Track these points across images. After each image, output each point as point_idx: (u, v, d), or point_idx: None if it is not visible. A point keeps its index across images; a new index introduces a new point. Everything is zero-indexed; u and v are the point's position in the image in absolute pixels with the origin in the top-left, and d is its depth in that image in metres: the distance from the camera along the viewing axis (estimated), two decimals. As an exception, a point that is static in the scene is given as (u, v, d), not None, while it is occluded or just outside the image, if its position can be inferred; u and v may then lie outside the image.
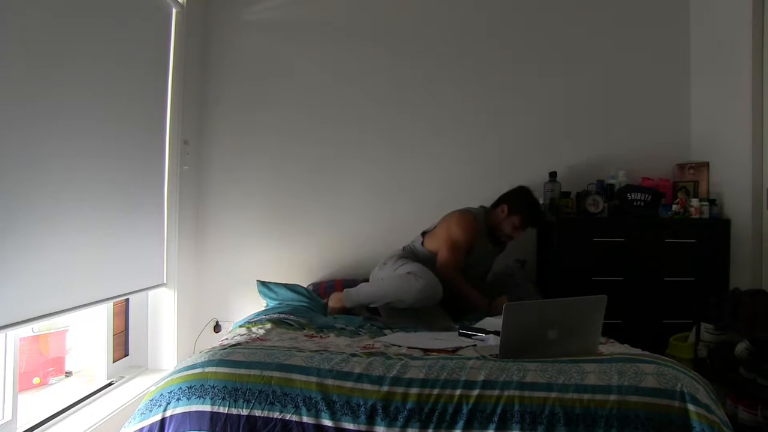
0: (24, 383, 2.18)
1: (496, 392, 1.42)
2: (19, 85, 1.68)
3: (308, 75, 3.23)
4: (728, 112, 2.90)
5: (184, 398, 1.46)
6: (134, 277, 2.47)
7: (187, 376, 1.50)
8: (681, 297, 2.73)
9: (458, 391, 1.42)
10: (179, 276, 2.88)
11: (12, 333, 1.81)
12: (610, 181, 3.06)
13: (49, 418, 2.01)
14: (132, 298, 2.75)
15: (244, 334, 1.94)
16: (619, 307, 2.64)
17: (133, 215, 2.45)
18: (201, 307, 3.14)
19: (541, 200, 3.05)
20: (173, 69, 2.83)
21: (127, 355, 2.76)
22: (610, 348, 1.77)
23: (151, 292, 2.76)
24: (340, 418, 1.41)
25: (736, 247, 2.81)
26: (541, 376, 1.45)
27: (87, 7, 2.04)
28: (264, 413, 1.43)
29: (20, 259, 1.68)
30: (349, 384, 1.45)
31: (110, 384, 2.47)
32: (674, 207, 2.91)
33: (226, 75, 3.23)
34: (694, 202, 2.88)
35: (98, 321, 2.49)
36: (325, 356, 1.56)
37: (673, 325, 2.72)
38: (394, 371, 1.48)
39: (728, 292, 2.45)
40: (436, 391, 1.43)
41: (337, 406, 1.42)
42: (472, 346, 1.79)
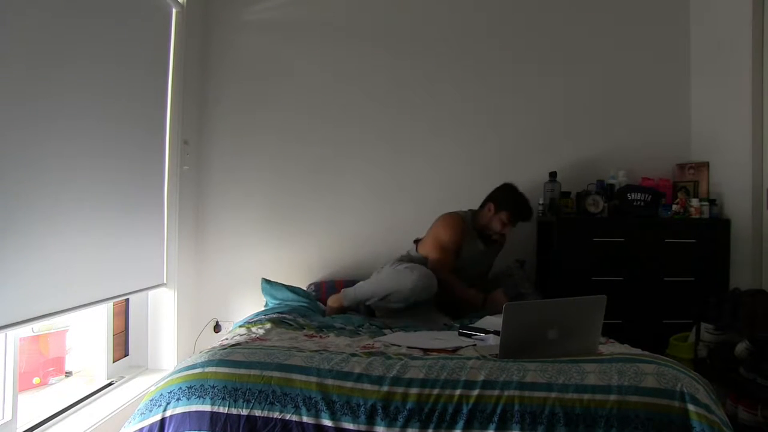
0: (24, 383, 2.18)
1: (496, 392, 1.42)
2: (19, 85, 1.68)
3: (308, 75, 3.23)
4: (728, 112, 2.90)
5: (184, 398, 1.46)
6: (134, 277, 2.47)
7: (187, 376, 1.50)
8: (681, 297, 2.73)
9: (458, 391, 1.42)
10: (179, 276, 2.88)
11: (12, 333, 1.81)
12: (610, 181, 3.06)
13: (49, 418, 2.01)
14: (132, 298, 2.75)
15: (243, 334, 1.94)
16: (619, 307, 2.64)
17: (133, 215, 2.45)
18: (201, 307, 3.14)
19: (541, 200, 3.06)
20: (173, 69, 2.83)
21: (127, 355, 2.76)
22: (610, 348, 1.77)
23: (151, 292, 2.77)
24: (340, 418, 1.41)
25: (736, 247, 2.81)
26: (541, 376, 1.45)
27: (87, 7, 2.04)
28: (264, 413, 1.43)
29: (20, 259, 1.68)
30: (349, 384, 1.45)
31: (110, 384, 2.47)
32: (674, 207, 2.91)
33: (226, 75, 3.23)
34: (694, 202, 2.88)
35: (98, 321, 2.49)
36: (325, 356, 1.56)
37: (673, 325, 2.72)
38: (394, 371, 1.48)
39: (728, 292, 2.45)
40: (436, 391, 1.43)
41: (337, 406, 1.42)
42: (472, 346, 1.79)
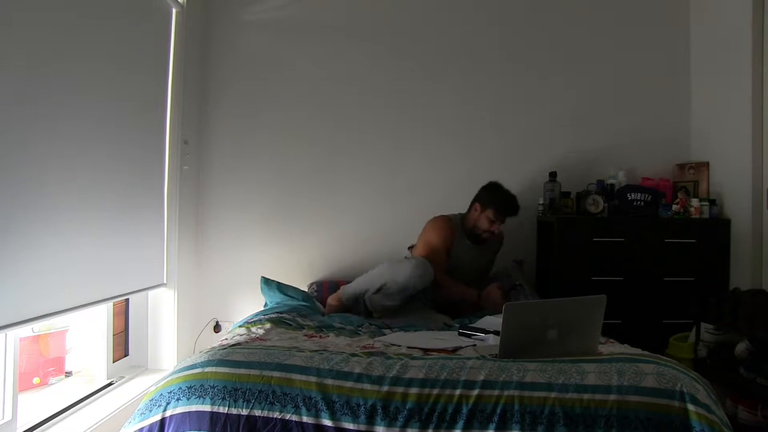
0: (24, 383, 2.18)
1: (496, 392, 1.42)
2: (19, 85, 1.68)
3: (308, 75, 3.23)
4: (728, 112, 2.90)
5: (183, 398, 1.46)
6: (134, 277, 2.47)
7: (186, 376, 1.50)
8: (681, 297, 2.73)
9: (458, 391, 1.42)
10: (179, 276, 2.88)
11: (12, 333, 1.81)
12: (610, 181, 3.06)
13: (49, 418, 2.01)
14: (132, 298, 2.75)
15: (243, 334, 1.94)
16: (619, 307, 2.64)
17: (133, 215, 2.45)
18: (201, 307, 3.14)
19: (541, 200, 3.06)
20: (173, 69, 2.82)
21: (127, 355, 2.75)
22: (610, 348, 1.77)
23: (151, 292, 2.76)
24: (339, 418, 1.41)
25: (736, 247, 2.81)
26: (540, 376, 1.45)
27: (87, 7, 2.03)
28: (264, 413, 1.43)
29: (20, 259, 1.68)
30: (348, 384, 1.45)
31: (110, 384, 2.47)
32: (674, 207, 2.91)
33: (226, 75, 3.23)
34: (694, 202, 2.88)
35: (98, 321, 2.49)
36: (324, 356, 1.56)
37: (673, 325, 2.72)
38: (393, 371, 1.48)
39: (728, 292, 2.45)
40: (435, 391, 1.43)
41: (336, 406, 1.42)
42: (472, 346, 1.79)
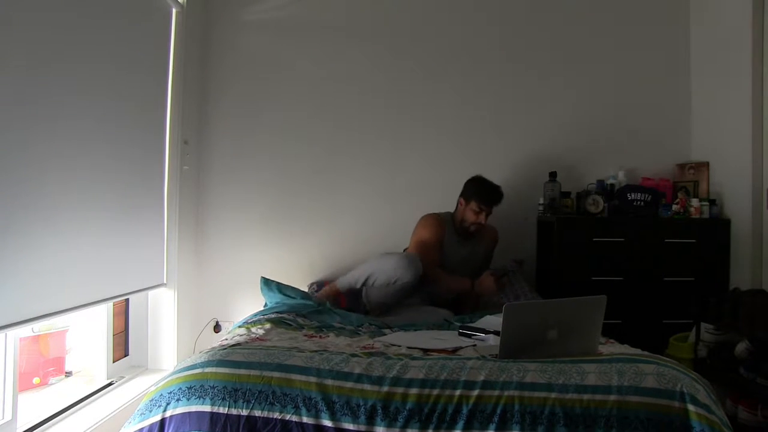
0: (24, 383, 2.18)
1: (496, 392, 1.41)
2: (19, 85, 1.68)
3: (308, 75, 3.23)
4: (728, 112, 2.90)
5: (183, 398, 1.46)
6: (134, 277, 2.47)
7: (186, 376, 1.50)
8: (681, 297, 2.73)
9: (458, 392, 1.42)
10: (179, 276, 2.87)
11: (12, 333, 1.81)
12: (610, 181, 3.06)
13: (49, 418, 2.01)
14: (132, 298, 2.75)
15: (243, 335, 1.93)
16: (619, 307, 2.63)
17: (133, 215, 2.45)
18: (201, 307, 3.14)
19: (541, 200, 3.06)
20: (173, 69, 2.82)
21: (127, 355, 2.75)
22: (610, 348, 1.77)
23: (151, 292, 2.76)
24: (339, 419, 1.41)
25: (736, 247, 2.81)
26: (541, 376, 1.45)
27: (87, 7, 2.03)
28: (264, 413, 1.43)
29: (20, 259, 1.68)
30: (348, 384, 1.45)
31: (110, 384, 2.47)
32: (674, 207, 2.91)
33: (226, 75, 3.22)
34: (694, 202, 2.88)
35: (98, 321, 2.49)
36: (324, 356, 1.55)
37: (673, 325, 2.72)
38: (394, 371, 1.48)
39: (728, 292, 2.45)
40: (436, 392, 1.43)
41: (336, 406, 1.42)
42: (472, 346, 1.79)
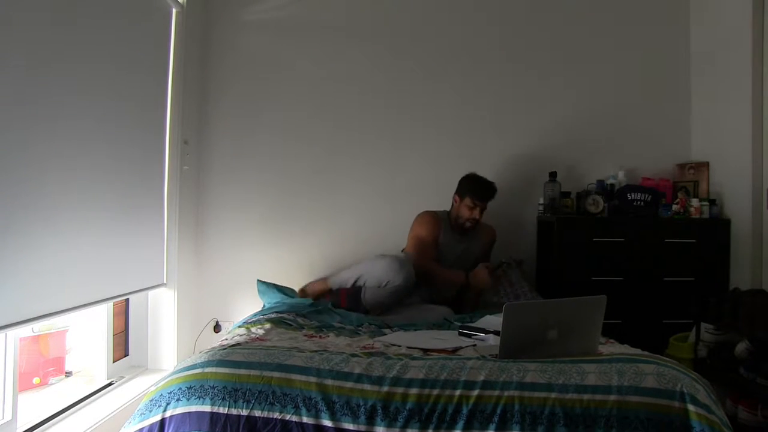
0: (24, 383, 2.18)
1: (496, 392, 1.42)
2: (19, 85, 1.68)
3: (308, 75, 3.23)
4: (728, 112, 2.90)
5: (183, 398, 1.46)
6: (134, 277, 2.47)
7: (186, 376, 1.50)
8: (681, 297, 2.73)
9: (458, 392, 1.42)
10: (179, 276, 2.87)
11: (12, 333, 1.81)
12: (610, 181, 3.06)
13: (49, 418, 2.00)
14: (132, 298, 2.75)
15: (243, 335, 1.94)
16: (619, 307, 2.63)
17: (133, 215, 2.45)
18: (201, 307, 3.14)
19: (541, 200, 3.07)
20: (173, 69, 2.82)
21: (127, 355, 2.75)
22: (610, 348, 1.77)
23: (151, 292, 2.76)
24: (339, 419, 1.41)
25: (736, 247, 2.81)
26: (541, 376, 1.45)
27: (87, 7, 2.03)
28: (264, 413, 1.43)
29: (20, 259, 1.67)
30: (348, 384, 1.45)
31: (110, 384, 2.46)
32: (674, 207, 2.91)
33: (226, 75, 3.22)
34: (694, 202, 2.88)
35: (98, 321, 2.48)
36: (324, 356, 1.56)
37: (673, 325, 2.72)
38: (394, 371, 1.48)
39: (728, 292, 2.45)
40: (436, 392, 1.43)
41: (336, 406, 1.42)
42: (472, 346, 1.79)
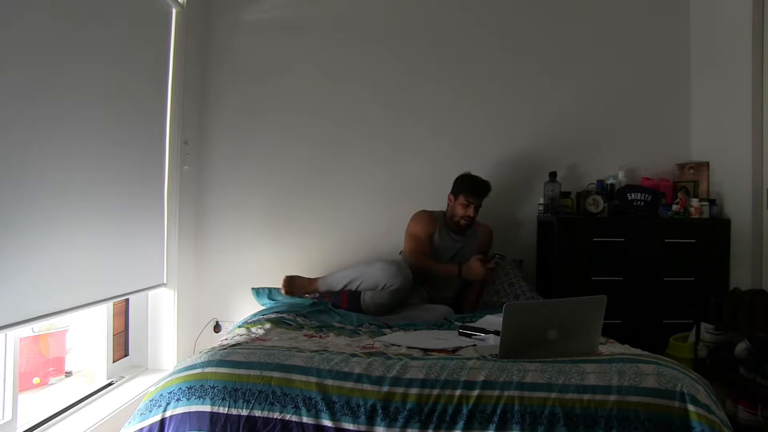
0: (24, 383, 2.18)
1: (496, 392, 1.42)
2: (20, 85, 1.68)
3: (308, 75, 3.23)
4: (728, 112, 2.90)
5: (183, 398, 1.46)
6: (134, 277, 2.47)
7: (186, 376, 1.50)
8: (681, 297, 2.73)
9: (458, 392, 1.42)
10: (179, 276, 2.87)
11: (12, 333, 1.81)
12: (610, 181, 3.06)
13: (49, 418, 2.01)
14: (132, 298, 2.75)
15: (243, 335, 1.94)
16: (619, 307, 2.64)
17: (133, 215, 2.45)
18: (201, 307, 3.14)
19: (541, 200, 3.07)
20: (173, 69, 2.82)
21: (127, 355, 2.75)
22: (610, 348, 1.77)
23: (151, 292, 2.76)
24: (339, 419, 1.41)
25: (736, 247, 2.81)
26: (541, 376, 1.45)
27: (87, 7, 2.03)
28: (264, 413, 1.43)
29: (20, 259, 1.68)
30: (348, 384, 1.45)
31: (110, 384, 2.47)
32: (674, 207, 2.91)
33: (226, 75, 3.22)
34: (694, 202, 2.87)
35: (98, 321, 2.49)
36: (325, 356, 1.56)
37: (673, 325, 2.72)
38: (394, 371, 1.48)
39: (728, 292, 2.45)
40: (436, 392, 1.43)
41: (336, 406, 1.42)
42: (472, 346, 1.79)
